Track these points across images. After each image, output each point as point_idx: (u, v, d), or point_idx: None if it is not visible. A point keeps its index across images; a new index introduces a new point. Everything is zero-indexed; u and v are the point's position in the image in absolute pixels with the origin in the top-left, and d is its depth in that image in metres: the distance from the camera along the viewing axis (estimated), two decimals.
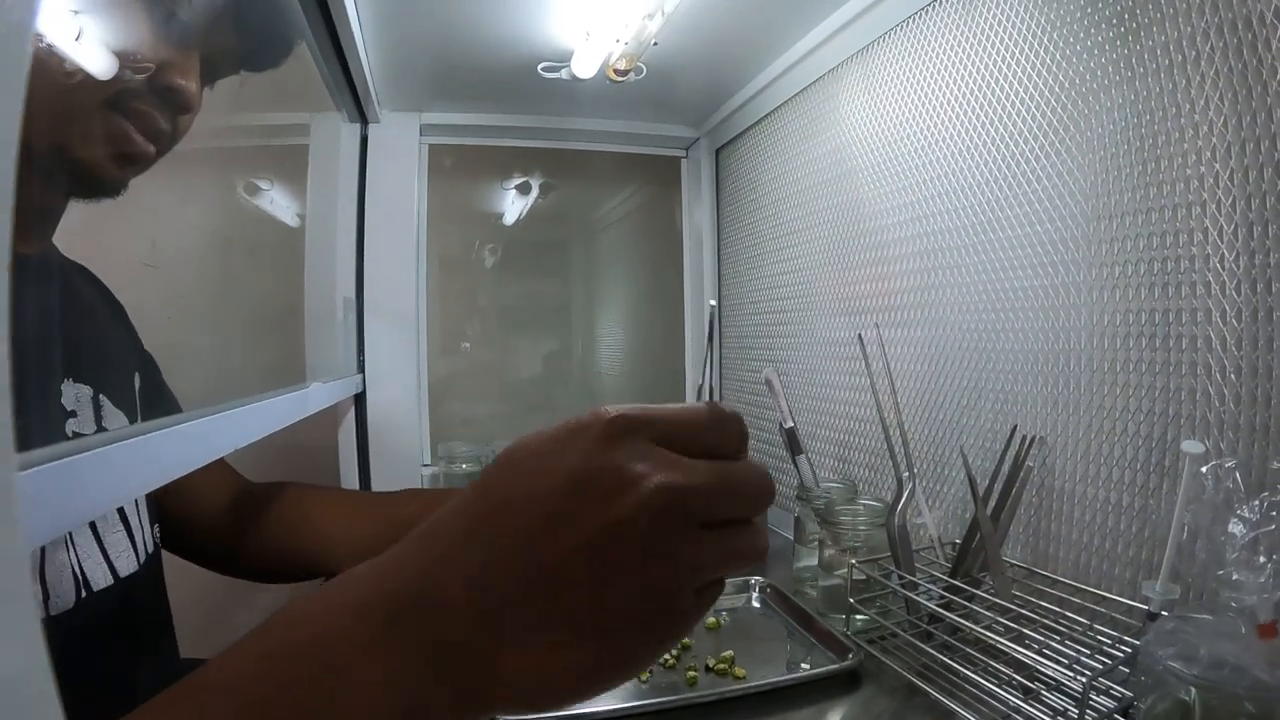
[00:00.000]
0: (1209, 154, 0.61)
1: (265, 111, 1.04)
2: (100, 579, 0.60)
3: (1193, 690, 0.47)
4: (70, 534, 0.57)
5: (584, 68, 1.17)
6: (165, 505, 0.77)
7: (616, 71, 1.18)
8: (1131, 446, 0.69)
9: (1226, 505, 0.50)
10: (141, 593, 0.67)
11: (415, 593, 0.31)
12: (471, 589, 0.31)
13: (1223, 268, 0.60)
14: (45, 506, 0.32)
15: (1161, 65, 0.64)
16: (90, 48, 0.53)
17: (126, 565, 0.63)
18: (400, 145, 1.44)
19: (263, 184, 1.09)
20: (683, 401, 1.74)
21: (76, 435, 0.57)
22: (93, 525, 0.61)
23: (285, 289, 1.19)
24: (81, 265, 0.70)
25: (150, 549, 0.69)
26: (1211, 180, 0.60)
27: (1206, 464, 0.51)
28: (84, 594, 0.57)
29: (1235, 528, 0.49)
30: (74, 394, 0.58)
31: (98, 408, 0.61)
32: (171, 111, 0.59)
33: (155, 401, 0.74)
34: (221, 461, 0.91)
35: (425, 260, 1.53)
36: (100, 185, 0.59)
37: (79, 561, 0.58)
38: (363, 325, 1.40)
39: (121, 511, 0.65)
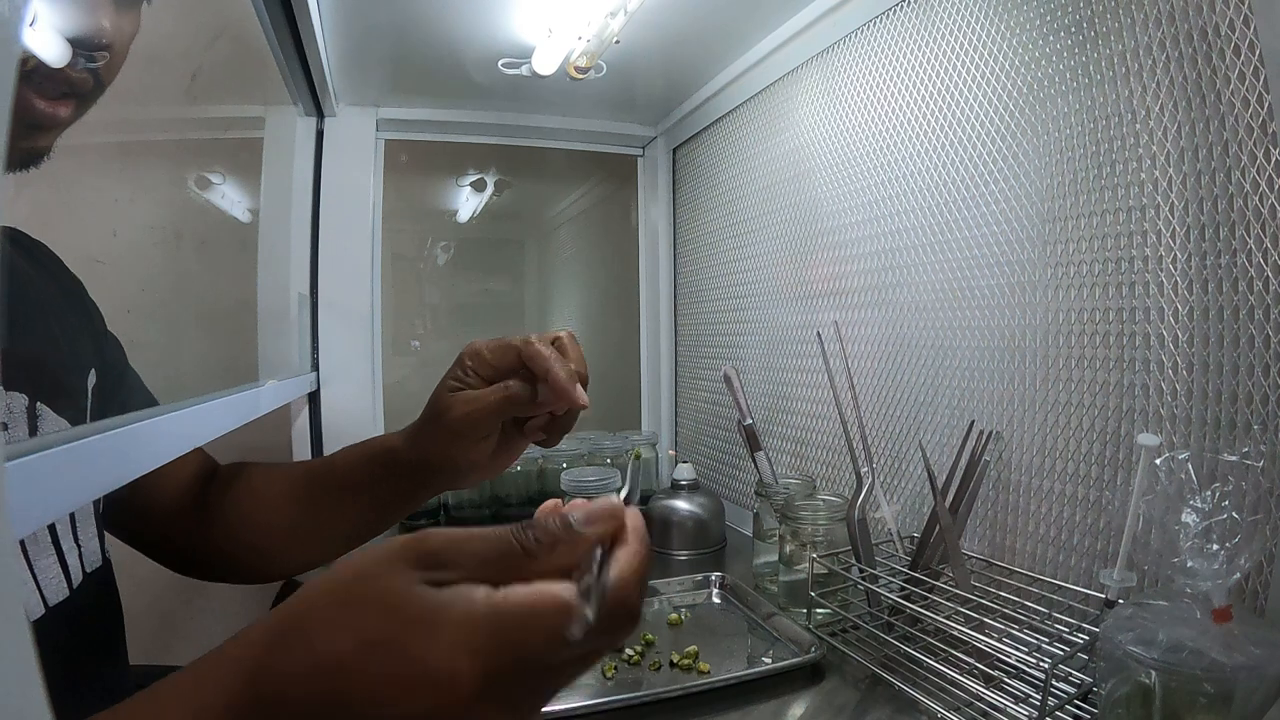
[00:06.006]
0: (1161, 159, 0.63)
1: (219, 104, 1.01)
2: (32, 608, 0.53)
3: (1153, 673, 0.49)
4: None
5: (545, 64, 1.17)
6: (123, 495, 0.69)
7: (577, 69, 1.18)
8: (1086, 441, 0.71)
9: (1180, 496, 0.52)
10: (79, 617, 0.60)
11: None
12: None
13: (1175, 268, 0.62)
14: None
15: (1117, 73, 0.67)
16: None
17: (56, 593, 0.57)
18: (356, 140, 1.41)
19: (215, 178, 1.05)
20: (640, 407, 1.75)
21: None
22: (23, 546, 0.54)
23: (238, 285, 1.15)
24: (36, 242, 0.64)
25: (87, 570, 0.62)
26: (1165, 184, 0.63)
27: (1161, 456, 0.53)
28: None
29: (1188, 517, 0.51)
30: (4, 405, 0.52)
31: (33, 417, 0.55)
32: (83, 56, 0.52)
33: (116, 393, 0.68)
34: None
35: (380, 257, 1.50)
36: (16, 158, 0.52)
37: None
38: (317, 322, 1.37)
39: (52, 529, 0.58)
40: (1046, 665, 0.57)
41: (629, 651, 0.82)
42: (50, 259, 0.66)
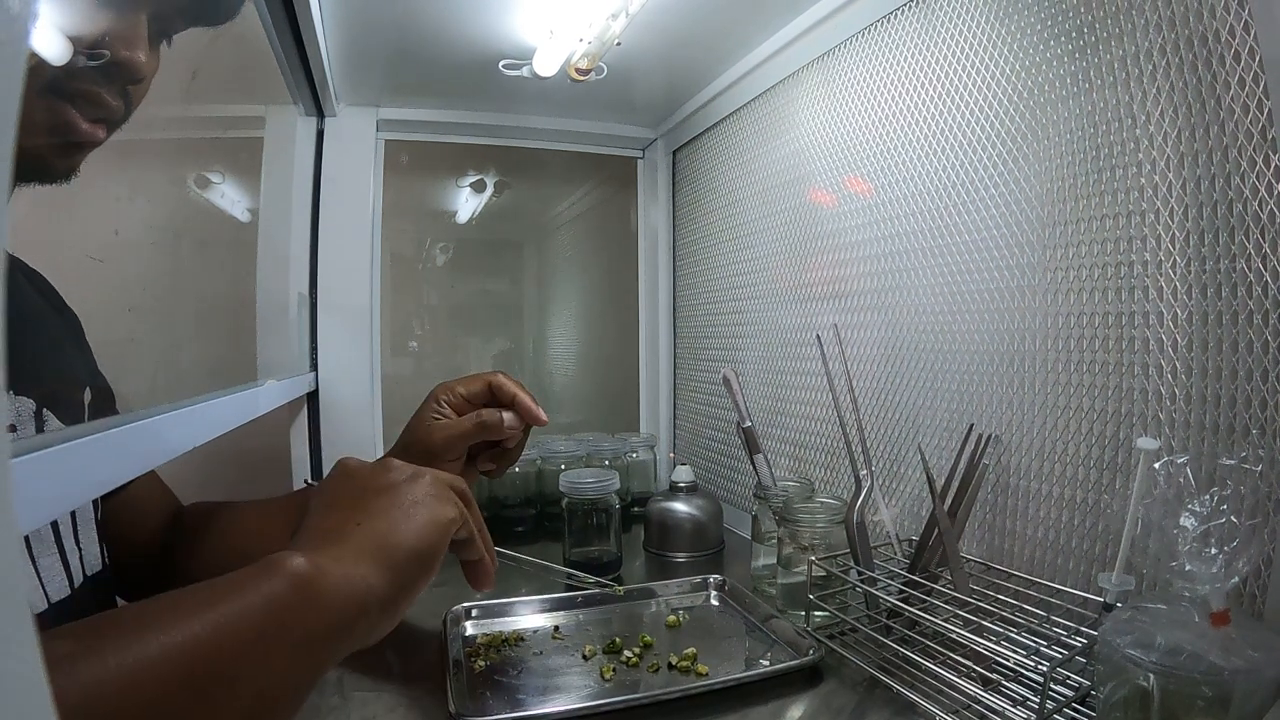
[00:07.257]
0: (1161, 164, 0.63)
1: (219, 103, 1.01)
2: (35, 603, 0.54)
3: (1151, 676, 0.49)
4: None
5: (546, 66, 1.17)
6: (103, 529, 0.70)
7: (578, 70, 1.18)
8: (1085, 444, 0.71)
9: (1178, 500, 0.52)
10: (80, 617, 0.61)
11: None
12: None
13: (1174, 273, 0.63)
14: None
15: (1118, 78, 0.67)
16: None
17: (58, 590, 0.57)
18: (356, 140, 1.41)
19: (214, 177, 1.05)
20: (639, 399, 1.75)
21: None
22: (27, 542, 0.55)
23: (237, 285, 1.15)
24: (35, 270, 0.66)
25: (88, 572, 0.63)
26: (1165, 189, 0.63)
27: (1159, 460, 0.54)
28: None
29: (1187, 521, 0.51)
30: (13, 408, 0.53)
31: (41, 422, 0.56)
32: (120, 85, 0.55)
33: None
34: (159, 483, 0.85)
35: (379, 257, 1.50)
36: (47, 173, 0.55)
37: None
38: (316, 322, 1.37)
39: (55, 529, 0.59)
40: (1045, 668, 0.57)
41: (627, 653, 0.82)
42: (50, 290, 0.67)
